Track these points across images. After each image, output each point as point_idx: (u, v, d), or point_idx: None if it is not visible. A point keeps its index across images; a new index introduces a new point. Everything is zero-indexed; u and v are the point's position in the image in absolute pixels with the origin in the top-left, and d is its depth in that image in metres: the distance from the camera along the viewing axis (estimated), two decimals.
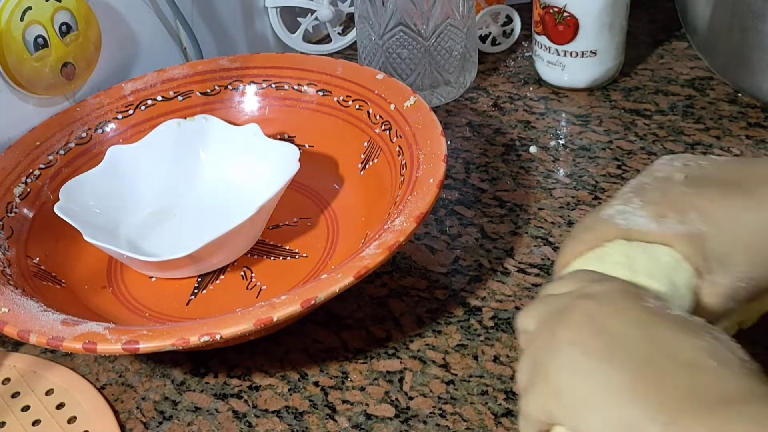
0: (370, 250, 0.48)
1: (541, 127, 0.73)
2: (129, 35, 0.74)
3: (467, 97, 0.78)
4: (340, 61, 0.68)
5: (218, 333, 0.44)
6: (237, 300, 0.56)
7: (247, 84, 0.70)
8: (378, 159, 0.62)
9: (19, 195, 0.61)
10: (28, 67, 0.63)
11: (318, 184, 0.65)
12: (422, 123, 0.59)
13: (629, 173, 0.66)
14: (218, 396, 0.52)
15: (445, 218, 0.64)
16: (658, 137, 0.70)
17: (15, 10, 0.61)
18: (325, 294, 0.46)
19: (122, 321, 0.55)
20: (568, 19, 0.72)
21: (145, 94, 0.69)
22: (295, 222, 0.63)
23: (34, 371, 0.54)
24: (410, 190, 0.54)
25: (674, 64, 0.80)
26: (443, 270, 0.59)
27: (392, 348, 0.54)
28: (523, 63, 0.83)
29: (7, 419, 0.50)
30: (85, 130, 0.66)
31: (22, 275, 0.55)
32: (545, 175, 0.67)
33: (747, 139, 0.69)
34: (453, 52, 0.74)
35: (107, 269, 0.60)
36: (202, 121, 0.66)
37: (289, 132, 0.69)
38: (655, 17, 0.89)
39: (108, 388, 0.53)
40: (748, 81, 0.68)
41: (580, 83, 0.77)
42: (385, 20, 0.72)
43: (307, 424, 0.49)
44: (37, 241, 0.59)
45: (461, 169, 0.69)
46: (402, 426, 0.48)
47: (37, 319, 0.48)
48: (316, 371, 0.53)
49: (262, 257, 0.60)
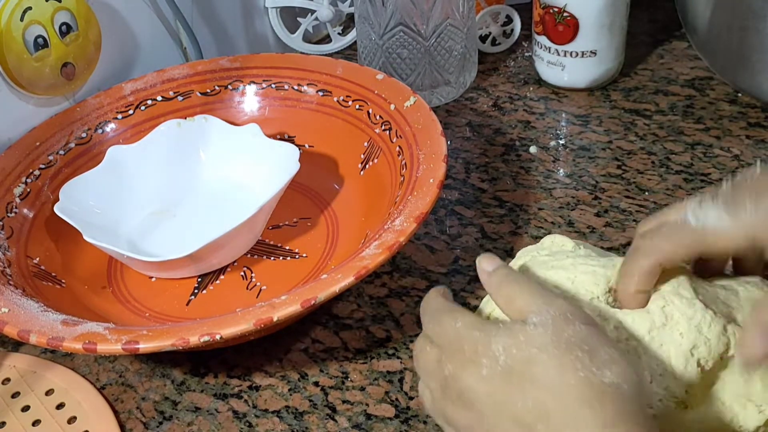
0: (370, 250, 0.48)
1: (541, 127, 0.73)
2: (129, 35, 0.74)
3: (467, 97, 0.78)
4: (340, 61, 0.68)
5: (218, 333, 0.44)
6: (237, 300, 0.56)
7: (247, 84, 0.70)
8: (378, 159, 0.62)
9: (19, 195, 0.61)
10: (28, 67, 0.63)
11: (318, 184, 0.65)
12: (422, 123, 0.59)
13: (629, 173, 0.66)
14: (218, 396, 0.52)
15: (445, 218, 0.64)
16: (658, 137, 0.70)
17: (15, 10, 0.61)
18: (325, 294, 0.46)
19: (122, 321, 0.55)
20: (568, 19, 0.72)
21: (145, 94, 0.69)
22: (295, 222, 0.63)
23: (34, 371, 0.54)
24: (410, 190, 0.54)
25: (674, 64, 0.80)
26: (443, 270, 0.59)
27: (392, 348, 0.54)
28: (523, 63, 0.83)
29: (7, 419, 0.50)
30: (85, 130, 0.66)
31: (22, 275, 0.55)
32: (545, 175, 0.67)
33: (747, 139, 0.69)
34: (453, 52, 0.74)
35: (107, 269, 0.60)
36: (202, 121, 0.66)
37: (289, 132, 0.69)
38: (655, 17, 0.89)
39: (108, 388, 0.53)
40: (748, 81, 0.68)
41: (580, 83, 0.77)
42: (385, 20, 0.72)
43: (307, 424, 0.49)
44: (37, 241, 0.59)
45: (461, 169, 0.69)
46: (402, 426, 0.48)
47: (37, 319, 0.48)
48: (316, 371, 0.53)
49: (262, 257, 0.60)
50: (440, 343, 0.38)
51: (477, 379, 0.35)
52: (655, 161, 0.67)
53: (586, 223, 0.62)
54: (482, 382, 0.35)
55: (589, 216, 0.62)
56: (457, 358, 0.37)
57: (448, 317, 0.38)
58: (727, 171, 0.65)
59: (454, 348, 0.37)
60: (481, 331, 0.36)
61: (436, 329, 0.39)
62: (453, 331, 0.37)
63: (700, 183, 0.65)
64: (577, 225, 0.62)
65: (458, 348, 0.37)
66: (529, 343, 0.34)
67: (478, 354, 0.36)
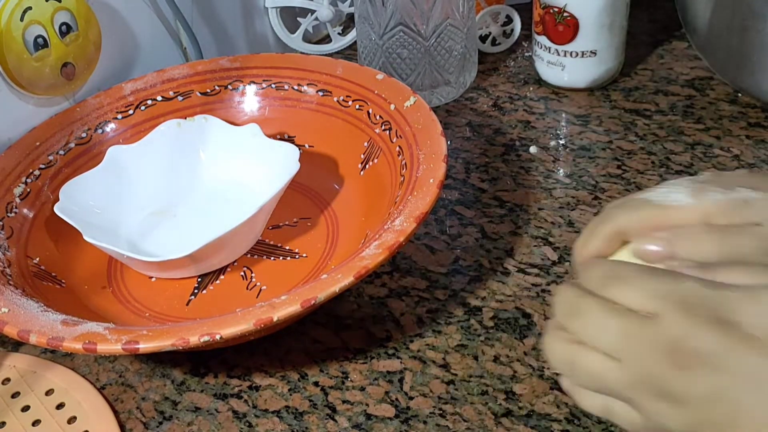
0: (370, 250, 0.48)
1: (541, 127, 0.73)
2: (129, 35, 0.74)
3: (467, 97, 0.78)
4: (340, 61, 0.68)
5: (218, 333, 0.44)
6: (237, 300, 0.56)
7: (247, 84, 0.70)
8: (378, 159, 0.62)
9: (19, 195, 0.61)
10: (28, 67, 0.63)
11: (318, 184, 0.65)
12: (422, 123, 0.59)
13: (629, 173, 0.66)
14: (218, 396, 0.52)
15: (445, 218, 0.64)
16: (658, 137, 0.70)
17: (15, 10, 0.61)
18: (325, 294, 0.46)
19: (122, 321, 0.55)
20: (568, 19, 0.72)
21: (145, 94, 0.69)
22: (295, 222, 0.63)
23: (34, 371, 0.54)
24: (410, 190, 0.54)
25: (674, 64, 0.80)
26: (443, 270, 0.59)
27: (392, 348, 0.54)
28: (523, 63, 0.83)
29: (7, 419, 0.50)
30: (85, 130, 0.66)
31: (22, 275, 0.55)
32: (545, 175, 0.67)
33: (747, 139, 0.69)
34: (453, 52, 0.74)
35: (107, 269, 0.60)
36: (202, 121, 0.66)
37: (289, 132, 0.69)
38: (655, 17, 0.89)
39: (108, 388, 0.53)
40: (748, 81, 0.68)
41: (580, 83, 0.77)
42: (385, 20, 0.72)
43: (307, 424, 0.49)
44: (37, 241, 0.59)
45: (461, 169, 0.69)
46: (402, 426, 0.48)
47: (37, 319, 0.48)
48: (316, 371, 0.53)
49: (262, 257, 0.60)
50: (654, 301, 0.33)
51: (737, 339, 0.31)
52: (655, 161, 0.67)
53: (586, 223, 0.62)
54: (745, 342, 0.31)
55: (589, 216, 0.62)
56: (694, 316, 0.32)
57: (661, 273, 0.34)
58: (727, 171, 0.65)
59: (688, 305, 0.32)
60: (732, 289, 0.32)
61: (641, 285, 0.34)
62: (680, 286, 0.33)
63: None
64: (577, 225, 0.62)
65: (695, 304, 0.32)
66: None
67: (737, 312, 0.31)
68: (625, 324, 0.33)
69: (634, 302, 0.34)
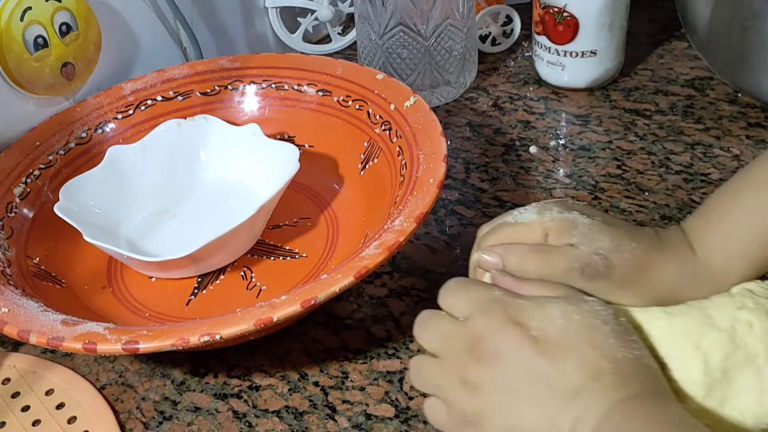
0: (370, 250, 0.48)
1: (541, 127, 0.73)
2: (129, 35, 0.74)
3: (467, 97, 0.78)
4: (340, 61, 0.68)
5: (218, 333, 0.44)
6: (237, 300, 0.56)
7: (247, 84, 0.70)
8: (378, 159, 0.62)
9: (19, 195, 0.61)
10: (28, 67, 0.63)
11: (318, 184, 0.65)
12: (422, 123, 0.59)
13: (629, 173, 0.66)
14: (218, 396, 0.52)
15: (445, 218, 0.64)
16: (658, 137, 0.70)
17: (15, 10, 0.61)
18: (325, 294, 0.46)
19: (122, 321, 0.55)
20: (568, 19, 0.72)
21: (145, 94, 0.69)
22: (295, 222, 0.63)
23: (34, 371, 0.54)
24: (410, 190, 0.54)
25: (674, 64, 0.80)
26: (443, 270, 0.59)
27: (392, 348, 0.54)
28: (523, 63, 0.83)
29: (7, 419, 0.50)
30: (85, 130, 0.66)
31: (22, 275, 0.55)
32: (545, 175, 0.67)
33: (747, 139, 0.69)
34: (453, 52, 0.74)
35: (107, 269, 0.60)
36: (202, 121, 0.66)
37: (289, 132, 0.69)
38: (655, 17, 0.89)
39: (108, 388, 0.53)
40: (748, 81, 0.68)
41: (580, 83, 0.77)
42: (385, 20, 0.72)
43: (307, 424, 0.49)
44: (37, 241, 0.59)
45: (461, 169, 0.69)
46: (402, 426, 0.48)
47: (37, 319, 0.48)
48: (316, 371, 0.53)
49: (262, 257, 0.60)
50: (468, 307, 0.41)
51: (521, 338, 0.38)
52: (655, 161, 0.67)
53: None
54: (527, 341, 0.38)
55: None
56: (493, 318, 0.40)
57: (479, 285, 0.43)
58: (727, 171, 0.65)
59: (490, 309, 0.40)
60: (526, 299, 0.41)
61: (462, 295, 0.42)
62: (488, 294, 0.41)
63: (699, 183, 0.65)
64: None
65: (496, 309, 0.40)
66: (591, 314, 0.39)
67: (525, 317, 0.39)
68: (444, 326, 0.41)
69: (457, 310, 0.42)
